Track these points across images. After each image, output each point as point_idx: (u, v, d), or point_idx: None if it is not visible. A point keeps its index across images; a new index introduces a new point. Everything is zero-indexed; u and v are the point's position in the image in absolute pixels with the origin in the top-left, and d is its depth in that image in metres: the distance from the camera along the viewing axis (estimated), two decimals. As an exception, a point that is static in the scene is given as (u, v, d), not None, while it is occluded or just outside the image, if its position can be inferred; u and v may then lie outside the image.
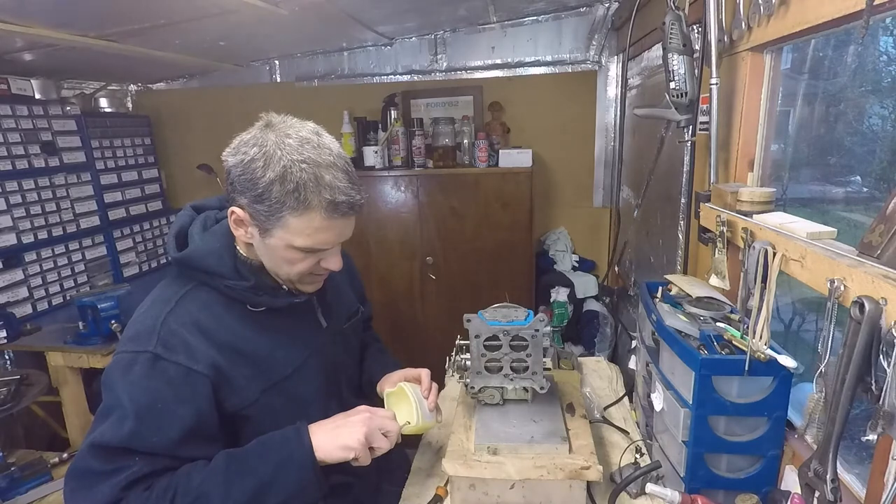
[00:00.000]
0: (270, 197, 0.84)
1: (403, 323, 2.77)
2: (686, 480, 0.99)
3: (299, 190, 0.84)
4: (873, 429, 0.67)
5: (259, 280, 0.96)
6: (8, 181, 2.33)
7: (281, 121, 0.89)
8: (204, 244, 0.94)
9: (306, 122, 0.91)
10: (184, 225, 0.99)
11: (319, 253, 0.93)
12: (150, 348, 0.86)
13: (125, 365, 0.86)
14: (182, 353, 0.87)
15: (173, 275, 0.98)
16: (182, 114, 3.21)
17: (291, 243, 0.88)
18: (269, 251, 0.92)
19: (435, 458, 1.20)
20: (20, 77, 2.44)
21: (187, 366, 0.87)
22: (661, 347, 1.10)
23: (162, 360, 0.86)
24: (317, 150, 0.86)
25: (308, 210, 0.85)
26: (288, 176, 0.83)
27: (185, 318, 0.90)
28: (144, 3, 1.67)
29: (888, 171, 1.06)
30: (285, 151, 0.84)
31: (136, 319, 0.93)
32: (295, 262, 0.92)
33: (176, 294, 0.94)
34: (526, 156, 2.53)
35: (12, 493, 1.72)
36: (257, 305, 0.96)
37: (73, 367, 2.19)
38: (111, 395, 0.86)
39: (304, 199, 0.84)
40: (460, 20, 2.67)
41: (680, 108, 1.28)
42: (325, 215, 0.86)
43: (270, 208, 0.85)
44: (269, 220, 0.87)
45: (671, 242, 1.63)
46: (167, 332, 0.88)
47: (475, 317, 1.10)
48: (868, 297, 0.68)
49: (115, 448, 0.82)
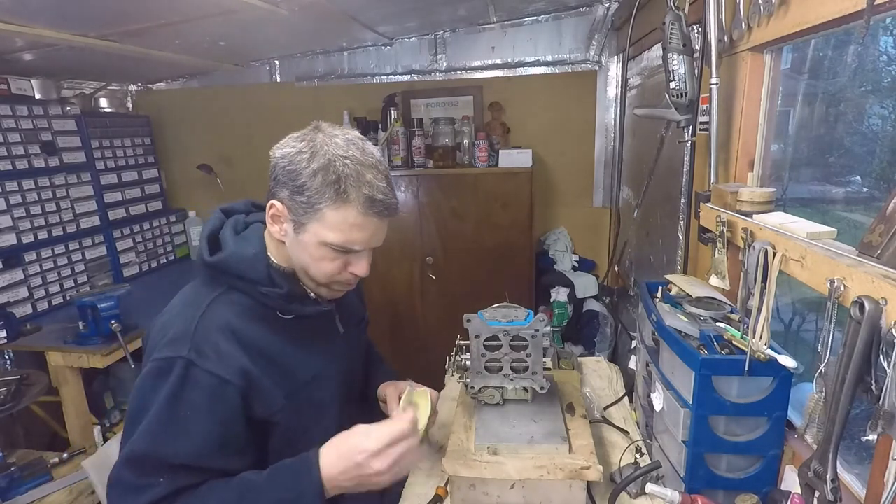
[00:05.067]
0: (311, 187, 0.87)
1: (403, 323, 2.77)
2: (686, 480, 0.99)
3: (340, 182, 0.86)
4: (873, 429, 0.67)
5: (291, 287, 0.97)
6: (8, 181, 2.32)
7: (329, 126, 0.93)
8: (238, 249, 0.95)
9: (353, 130, 0.95)
10: (215, 228, 1.00)
11: (350, 255, 0.94)
12: (183, 354, 0.86)
13: (159, 372, 0.86)
14: (214, 361, 0.87)
15: (203, 278, 0.98)
16: (182, 114, 3.20)
17: (325, 239, 0.90)
18: (301, 249, 0.93)
19: (435, 458, 1.20)
20: (20, 77, 2.43)
21: (219, 375, 0.87)
22: (661, 347, 1.10)
23: (195, 367, 0.86)
24: (361, 151, 0.90)
25: (346, 203, 0.87)
26: (331, 167, 0.87)
27: (218, 322, 0.91)
28: (144, 3, 1.67)
29: (888, 171, 1.06)
30: (331, 147, 0.88)
31: (168, 324, 0.92)
32: (324, 263, 0.93)
33: (207, 298, 0.94)
34: (526, 156, 2.53)
35: (12, 493, 1.72)
36: (287, 313, 0.97)
37: (73, 367, 2.19)
38: (142, 402, 0.86)
39: (344, 192, 0.87)
40: (460, 20, 2.67)
41: (680, 108, 1.28)
42: (362, 210, 0.88)
43: (310, 199, 0.87)
44: (306, 212, 0.89)
45: (671, 242, 1.63)
46: (200, 338, 0.88)
47: (475, 317, 1.10)
48: (868, 297, 0.68)
49: (144, 458, 0.83)
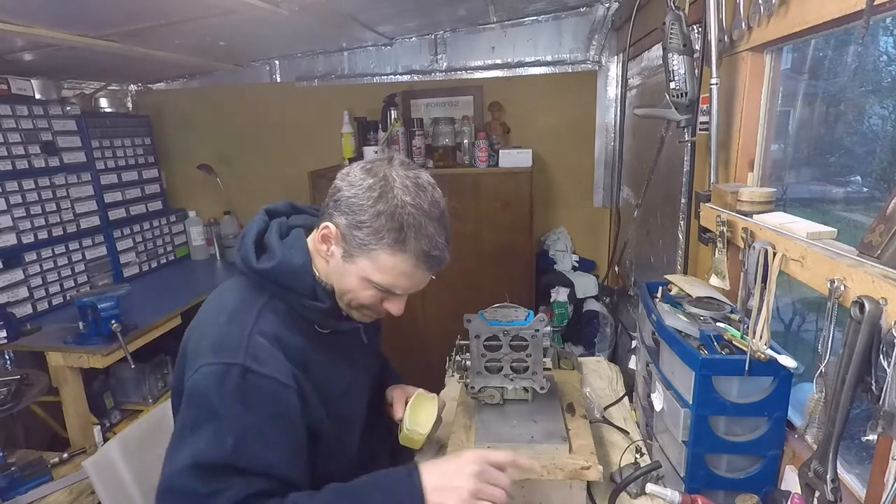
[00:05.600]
0: (372, 227, 0.86)
1: (403, 323, 2.75)
2: (686, 480, 0.99)
3: (402, 230, 0.86)
4: (873, 429, 0.67)
5: (332, 303, 0.96)
6: (8, 181, 2.32)
7: (402, 162, 0.93)
8: (286, 259, 0.93)
9: (424, 171, 0.95)
10: (260, 231, 0.98)
11: (389, 294, 0.94)
12: (239, 360, 0.84)
13: (218, 377, 0.84)
14: (273, 367, 0.86)
15: (248, 283, 0.97)
16: (182, 114, 3.20)
17: (370, 277, 0.90)
18: (344, 275, 0.92)
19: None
20: (20, 77, 2.43)
21: (279, 379, 0.86)
22: (661, 347, 1.10)
23: (253, 372, 0.84)
24: (430, 202, 0.90)
25: (402, 252, 0.87)
26: (396, 215, 0.86)
27: (268, 329, 0.90)
28: (144, 3, 1.67)
29: (888, 171, 1.06)
30: (402, 191, 0.87)
31: (217, 330, 0.90)
32: (361, 294, 0.93)
33: (256, 305, 0.93)
34: (526, 156, 2.53)
35: (12, 493, 1.72)
36: (325, 327, 0.98)
37: (73, 367, 2.19)
38: (205, 409, 0.83)
39: (403, 241, 0.86)
40: (460, 20, 2.67)
41: (680, 108, 1.28)
42: (415, 262, 0.88)
43: (367, 238, 0.87)
44: (359, 248, 0.88)
45: (671, 242, 1.63)
46: (255, 345, 0.87)
47: (475, 317, 1.10)
48: (868, 297, 0.68)
49: (217, 467, 0.81)
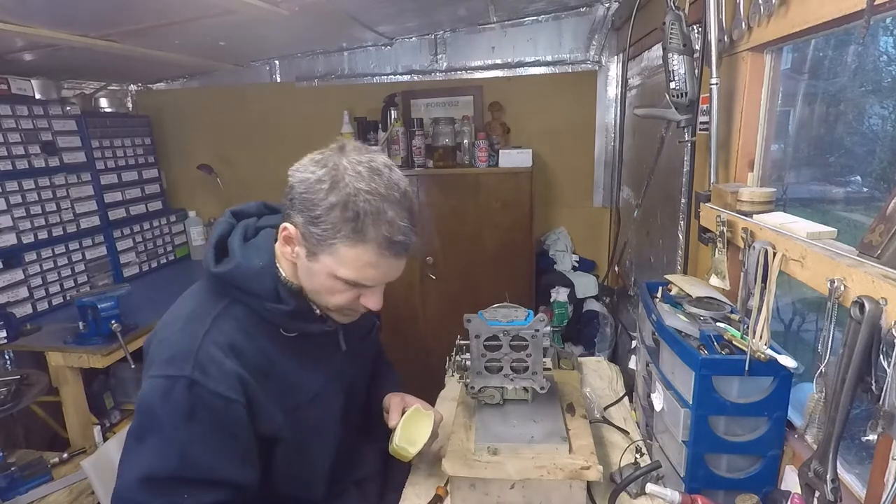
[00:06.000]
0: (327, 221, 0.82)
1: (403, 323, 2.76)
2: (686, 480, 0.99)
3: (357, 220, 0.81)
4: (873, 429, 0.67)
5: (298, 304, 0.93)
6: (8, 181, 2.32)
7: (354, 148, 0.87)
8: (246, 261, 0.90)
9: (379, 154, 0.88)
10: (223, 234, 0.95)
11: (361, 288, 0.90)
12: (186, 373, 0.83)
13: (163, 390, 0.83)
14: (219, 380, 0.85)
15: (207, 287, 0.94)
16: (182, 114, 3.20)
17: (335, 273, 0.86)
18: (312, 276, 0.89)
19: (435, 458, 1.19)
20: (20, 77, 2.43)
21: (224, 394, 0.85)
22: (661, 347, 1.10)
23: (199, 386, 0.83)
24: (386, 185, 0.83)
25: (362, 242, 0.82)
26: (350, 204, 0.81)
27: (221, 339, 0.88)
28: (144, 3, 1.67)
29: (888, 171, 1.06)
30: (353, 179, 0.82)
31: (170, 339, 0.89)
32: (334, 293, 0.89)
33: (212, 311, 0.90)
34: (526, 156, 2.53)
35: (12, 493, 1.72)
36: (291, 330, 0.94)
37: (73, 367, 2.19)
38: (151, 422, 0.83)
39: (361, 231, 0.82)
40: (460, 20, 2.67)
41: (680, 108, 1.28)
42: (378, 251, 0.83)
43: (324, 233, 0.83)
44: (319, 244, 0.84)
45: (671, 242, 1.63)
46: (204, 356, 0.85)
47: (475, 317, 1.10)
48: (868, 297, 0.68)
49: (165, 479, 0.81)
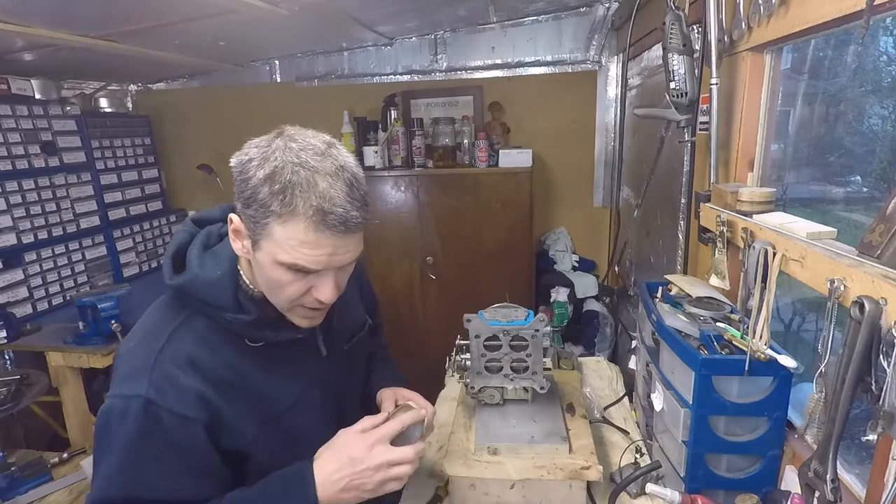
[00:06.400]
0: (258, 199, 0.76)
1: (403, 323, 2.77)
2: (686, 480, 0.99)
3: (285, 192, 0.74)
4: (873, 429, 0.67)
5: (261, 313, 0.87)
6: (8, 181, 2.33)
7: (297, 130, 0.81)
8: (203, 271, 0.85)
9: (322, 135, 0.82)
10: (182, 244, 0.89)
11: (310, 277, 0.82)
12: (141, 392, 0.80)
13: (119, 412, 0.81)
14: (175, 399, 0.81)
15: (168, 301, 0.90)
16: (182, 114, 3.20)
17: (276, 258, 0.79)
18: (260, 269, 0.83)
19: (435, 458, 1.20)
20: (20, 77, 2.44)
21: (181, 413, 0.81)
22: (661, 347, 1.10)
23: (155, 405, 0.80)
24: (319, 157, 0.77)
25: (293, 217, 0.75)
26: (276, 176, 0.75)
27: (179, 354, 0.84)
28: (144, 3, 1.67)
29: (888, 171, 1.06)
30: (286, 153, 0.76)
31: (127, 355, 0.86)
32: (283, 286, 0.82)
33: (170, 325, 0.86)
34: (526, 156, 2.53)
35: (12, 493, 1.72)
36: (256, 340, 0.89)
37: (73, 367, 2.19)
38: (107, 444, 0.81)
39: (289, 203, 0.74)
40: (460, 20, 2.67)
41: (680, 108, 1.28)
42: (312, 226, 0.75)
43: (257, 213, 0.77)
44: (256, 228, 0.78)
45: (671, 242, 1.63)
46: (160, 374, 0.82)
47: (475, 317, 1.10)
48: (868, 297, 0.68)
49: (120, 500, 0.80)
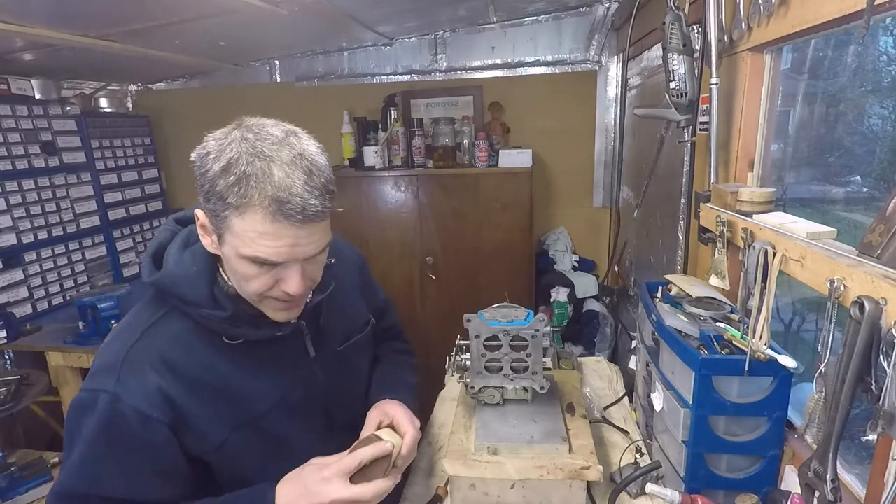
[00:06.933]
0: (215, 192, 0.74)
1: (403, 323, 2.74)
2: (686, 480, 0.99)
3: (241, 183, 0.72)
4: (873, 429, 0.67)
5: (238, 309, 0.85)
6: (8, 181, 2.33)
7: (257, 121, 0.79)
8: (178, 268, 0.84)
9: (283, 124, 0.80)
10: (163, 242, 0.89)
11: (277, 269, 0.79)
12: (109, 388, 0.79)
13: (86, 406, 0.80)
14: (140, 397, 0.80)
15: (149, 299, 0.89)
16: (182, 114, 3.20)
17: (238, 251, 0.77)
18: (228, 264, 0.82)
19: (435, 458, 1.20)
20: (20, 77, 2.44)
21: (144, 412, 0.79)
22: (661, 347, 1.10)
23: (121, 401, 0.79)
24: (276, 147, 0.75)
25: (249, 208, 0.73)
26: (231, 167, 0.73)
27: (151, 351, 0.83)
28: (144, 3, 1.67)
29: (888, 171, 1.06)
30: (242, 145, 0.74)
31: (103, 349, 0.86)
32: (249, 279, 0.80)
33: (146, 322, 0.85)
34: (526, 156, 2.53)
35: (12, 493, 1.72)
36: (234, 338, 0.86)
37: (73, 367, 2.19)
38: (71, 437, 0.81)
39: (245, 195, 0.72)
40: (460, 20, 2.67)
41: (680, 108, 1.28)
42: (269, 216, 0.73)
43: (216, 206, 0.75)
44: (217, 221, 0.77)
45: (671, 242, 1.63)
46: (127, 370, 0.81)
47: (475, 317, 1.10)
48: (868, 297, 0.68)
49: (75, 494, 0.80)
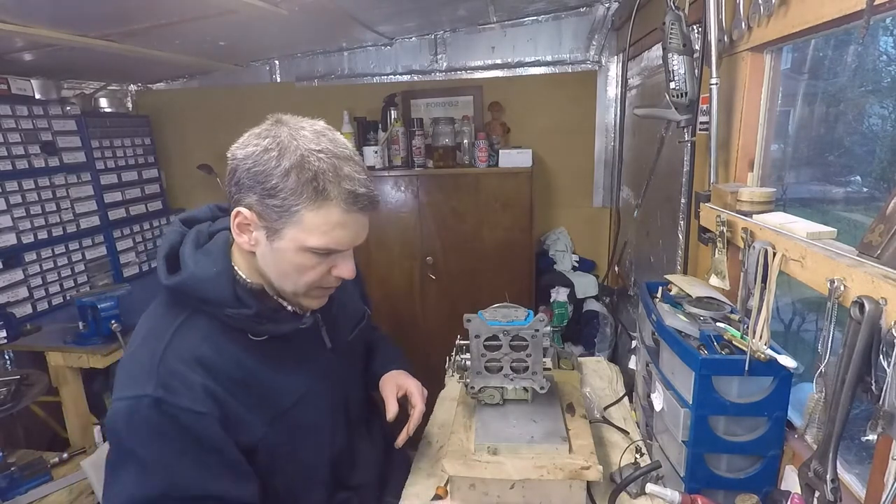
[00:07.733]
0: (285, 188, 0.78)
1: (403, 323, 2.76)
2: (686, 480, 0.99)
3: (318, 179, 0.78)
4: (873, 429, 0.67)
5: (261, 306, 0.88)
6: (8, 181, 2.32)
7: (291, 118, 0.84)
8: (199, 269, 0.85)
9: (317, 120, 0.86)
10: (174, 244, 0.90)
11: (332, 257, 0.85)
12: (149, 392, 0.78)
13: (127, 413, 0.78)
14: (185, 396, 0.79)
15: (165, 301, 0.89)
16: (182, 114, 3.20)
17: (304, 244, 0.81)
18: (277, 258, 0.84)
19: (435, 458, 1.20)
20: (20, 77, 2.44)
21: (193, 409, 0.79)
22: (661, 347, 1.10)
23: (166, 403, 0.78)
24: (333, 143, 0.81)
25: (326, 202, 0.79)
26: (305, 164, 0.78)
27: (185, 352, 0.83)
28: (144, 3, 1.67)
29: (888, 171, 1.06)
30: (301, 141, 0.79)
31: (130, 357, 0.85)
32: (305, 270, 0.84)
33: (171, 325, 0.85)
34: (526, 156, 2.53)
35: (12, 493, 1.72)
36: (259, 334, 0.89)
37: (73, 367, 2.19)
38: (122, 448, 0.79)
39: (323, 190, 0.78)
40: (460, 20, 2.67)
41: (680, 108, 1.28)
42: (345, 208, 0.80)
43: (284, 202, 0.78)
44: (281, 217, 0.80)
45: (671, 242, 1.63)
46: (166, 372, 0.80)
47: (475, 317, 1.10)
48: (868, 297, 0.68)
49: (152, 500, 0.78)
